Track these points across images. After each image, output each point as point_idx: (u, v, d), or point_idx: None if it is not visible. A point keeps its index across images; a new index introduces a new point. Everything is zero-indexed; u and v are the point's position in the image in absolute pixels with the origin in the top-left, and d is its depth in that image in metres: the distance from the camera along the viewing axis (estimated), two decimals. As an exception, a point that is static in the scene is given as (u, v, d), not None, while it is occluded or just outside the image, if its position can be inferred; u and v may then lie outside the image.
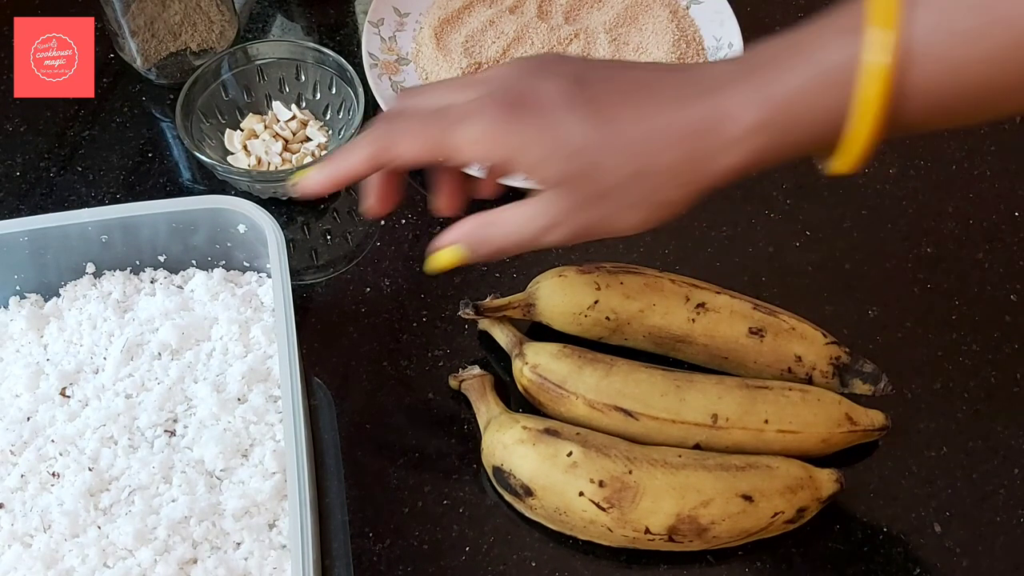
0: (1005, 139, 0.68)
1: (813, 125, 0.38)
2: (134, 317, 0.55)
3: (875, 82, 0.36)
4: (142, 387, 0.52)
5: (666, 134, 0.39)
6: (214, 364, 0.53)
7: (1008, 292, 0.61)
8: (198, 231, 0.55)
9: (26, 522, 0.48)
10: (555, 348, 0.54)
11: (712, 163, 0.39)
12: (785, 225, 0.64)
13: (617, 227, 0.42)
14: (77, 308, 0.55)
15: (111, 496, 0.49)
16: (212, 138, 0.65)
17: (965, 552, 0.52)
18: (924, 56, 0.36)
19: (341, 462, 0.54)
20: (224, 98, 0.66)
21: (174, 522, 0.47)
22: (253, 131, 0.66)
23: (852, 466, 0.54)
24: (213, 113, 0.66)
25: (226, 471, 0.50)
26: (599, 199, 0.41)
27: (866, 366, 0.54)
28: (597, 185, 0.40)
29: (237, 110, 0.67)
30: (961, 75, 0.36)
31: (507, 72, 0.42)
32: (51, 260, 0.55)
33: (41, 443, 0.50)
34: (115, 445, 0.50)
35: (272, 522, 0.49)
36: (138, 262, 0.57)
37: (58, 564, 0.47)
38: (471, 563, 0.51)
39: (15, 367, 0.53)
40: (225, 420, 0.51)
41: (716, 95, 0.39)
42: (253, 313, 0.55)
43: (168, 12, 0.67)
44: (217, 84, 0.66)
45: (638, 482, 0.48)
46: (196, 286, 0.56)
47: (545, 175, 0.41)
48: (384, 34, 0.71)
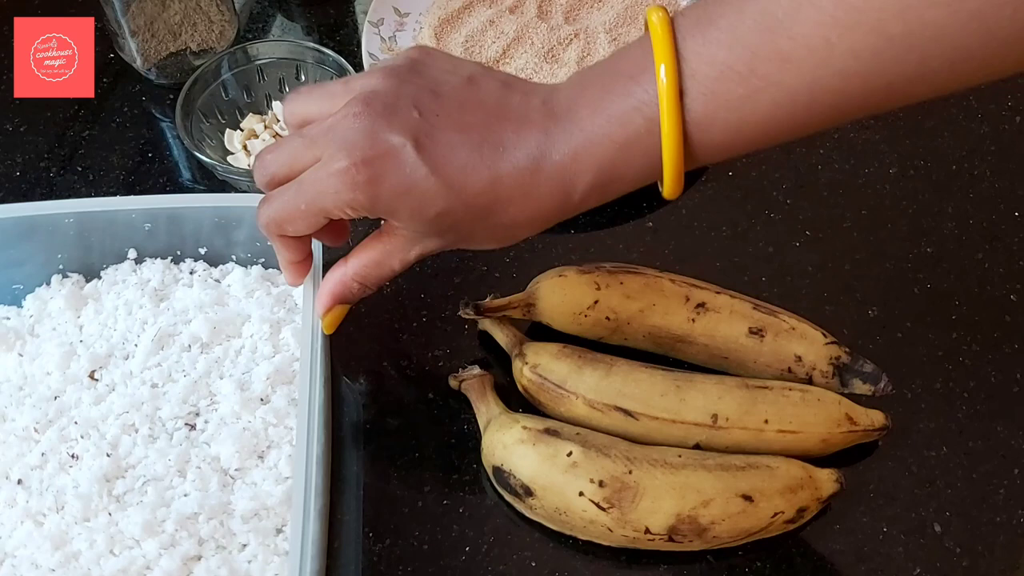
0: (1005, 139, 0.68)
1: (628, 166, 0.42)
2: (169, 307, 0.55)
3: (669, 145, 0.40)
4: (168, 378, 0.53)
5: (508, 186, 0.42)
6: (241, 362, 0.54)
7: (1008, 292, 0.61)
8: (240, 227, 0.55)
9: (41, 500, 0.48)
10: (555, 348, 0.54)
11: (555, 204, 0.43)
12: (785, 225, 0.64)
13: (477, 247, 0.46)
14: (115, 292, 0.56)
15: (125, 484, 0.49)
16: (212, 138, 0.65)
17: (965, 552, 0.52)
18: (706, 125, 0.40)
19: (361, 470, 0.54)
20: (224, 98, 0.66)
21: (183, 517, 0.48)
22: (253, 131, 0.66)
23: (852, 466, 0.54)
24: (213, 113, 0.66)
25: (240, 471, 0.50)
26: (460, 240, 0.46)
27: (866, 366, 0.54)
28: (458, 234, 0.45)
29: (237, 110, 0.67)
30: (744, 133, 0.40)
31: (350, 123, 0.42)
32: (96, 242, 0.56)
33: (64, 423, 0.51)
34: (135, 433, 0.51)
35: (280, 527, 0.49)
36: (179, 252, 0.57)
37: (66, 546, 0.47)
38: (471, 563, 0.51)
39: (49, 345, 0.54)
40: (246, 419, 0.51)
41: (547, 136, 0.42)
42: (286, 314, 0.55)
43: (168, 12, 0.67)
44: (217, 84, 0.66)
45: (638, 482, 0.48)
46: (233, 281, 0.56)
47: (415, 229, 0.45)
48: (384, 34, 0.71)
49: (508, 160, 0.42)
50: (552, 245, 0.62)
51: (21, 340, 0.55)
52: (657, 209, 0.65)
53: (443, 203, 0.42)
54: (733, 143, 0.41)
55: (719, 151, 0.41)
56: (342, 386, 0.57)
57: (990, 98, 0.70)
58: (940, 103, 0.70)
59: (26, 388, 0.53)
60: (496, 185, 0.42)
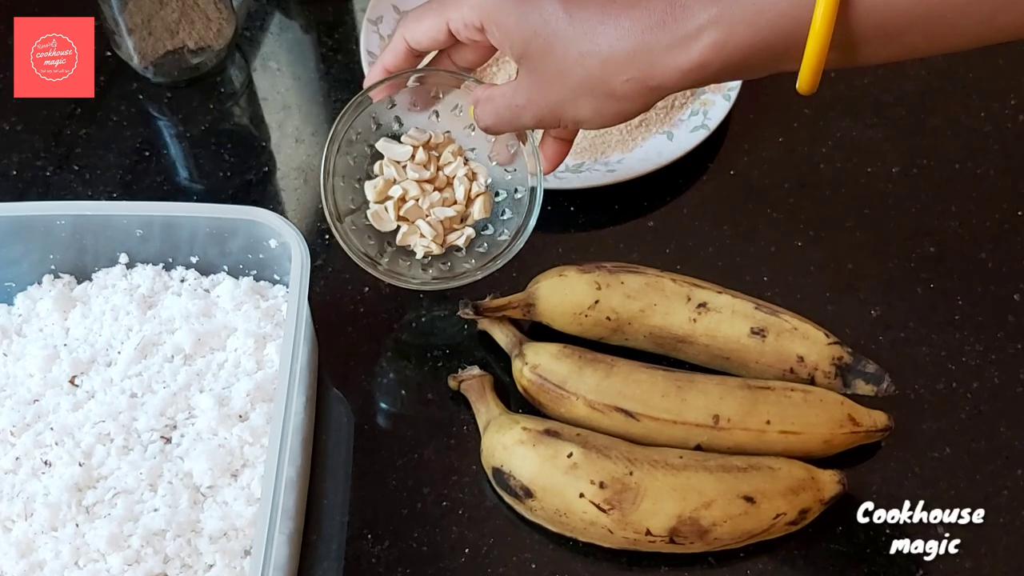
0: (1008, 138, 0.68)
1: (768, 27, 0.40)
2: (156, 315, 0.55)
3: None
4: (148, 388, 0.52)
5: (618, 23, 0.42)
6: (223, 376, 0.53)
7: (1012, 292, 0.61)
8: (234, 238, 0.55)
9: (10, 506, 0.48)
10: (555, 348, 0.53)
11: (662, 56, 0.42)
12: (787, 224, 0.64)
13: (575, 116, 0.46)
14: (104, 297, 0.56)
15: (95, 495, 0.48)
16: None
17: (968, 553, 0.51)
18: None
19: (351, 473, 0.54)
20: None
21: (150, 533, 0.47)
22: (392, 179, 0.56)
23: (854, 467, 0.53)
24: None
25: (212, 488, 0.49)
26: (555, 78, 0.45)
27: (869, 366, 0.54)
28: (550, 63, 0.44)
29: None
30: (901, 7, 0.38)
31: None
32: (89, 245, 0.56)
33: (41, 428, 0.50)
34: (110, 443, 0.50)
35: (248, 549, 0.48)
36: (171, 259, 0.57)
37: (31, 555, 0.47)
38: (470, 565, 0.51)
39: (34, 347, 0.53)
40: (222, 436, 0.50)
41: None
42: (272, 329, 0.54)
43: (165, 10, 0.66)
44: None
45: (639, 483, 0.48)
46: (222, 292, 0.56)
47: (506, 46, 0.46)
48: (383, 31, 0.71)
49: (627, 11, 0.42)
50: (552, 245, 0.62)
51: (8, 339, 0.55)
52: (658, 208, 0.64)
53: (554, 23, 0.43)
54: (891, 20, 0.38)
55: (873, 29, 0.39)
56: (337, 388, 0.57)
57: (993, 97, 0.70)
58: (942, 102, 0.70)
59: (7, 389, 0.52)
60: (606, 22, 0.42)
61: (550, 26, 0.43)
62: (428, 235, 0.54)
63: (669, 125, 0.66)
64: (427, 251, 0.55)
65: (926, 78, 0.71)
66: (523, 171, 0.54)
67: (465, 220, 0.56)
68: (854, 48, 0.40)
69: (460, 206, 0.55)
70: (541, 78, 0.45)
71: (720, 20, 0.40)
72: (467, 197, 0.55)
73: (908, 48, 0.40)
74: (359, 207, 0.55)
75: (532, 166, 0.53)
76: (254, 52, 0.73)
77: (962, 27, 0.38)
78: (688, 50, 0.41)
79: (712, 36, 0.40)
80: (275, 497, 0.44)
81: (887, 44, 0.40)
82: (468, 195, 0.55)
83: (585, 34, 0.43)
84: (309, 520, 0.52)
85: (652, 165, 0.63)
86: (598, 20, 0.43)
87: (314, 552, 0.51)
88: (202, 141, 0.68)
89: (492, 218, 0.56)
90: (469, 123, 0.53)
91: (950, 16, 0.38)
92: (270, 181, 0.67)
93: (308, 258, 0.51)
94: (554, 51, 0.44)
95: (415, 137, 0.54)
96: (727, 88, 0.66)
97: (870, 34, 0.39)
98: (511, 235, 0.54)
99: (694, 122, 0.65)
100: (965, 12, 0.38)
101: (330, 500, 0.53)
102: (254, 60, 0.73)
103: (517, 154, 0.54)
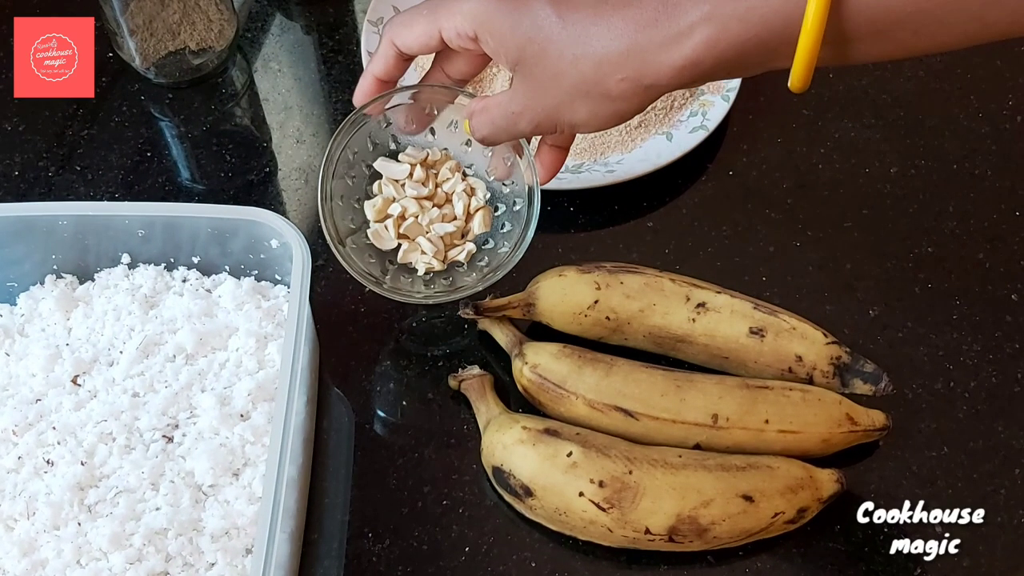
0: (1006, 138, 0.68)
1: (761, 23, 0.40)
2: (158, 315, 0.55)
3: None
4: (150, 388, 0.52)
5: (611, 24, 0.42)
6: (224, 376, 0.53)
7: (1009, 292, 0.61)
8: (235, 239, 0.55)
9: (12, 505, 0.48)
10: (555, 348, 0.54)
11: (655, 54, 0.42)
12: (786, 224, 0.64)
13: (571, 119, 0.45)
14: (106, 297, 0.56)
15: (98, 494, 0.49)
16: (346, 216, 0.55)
17: (965, 552, 0.51)
18: None
19: (352, 472, 0.54)
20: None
21: (152, 532, 0.47)
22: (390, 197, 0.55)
23: (853, 466, 0.54)
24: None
25: (214, 487, 0.49)
26: (550, 83, 0.44)
27: (867, 366, 0.54)
28: (545, 67, 0.44)
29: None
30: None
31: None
32: (91, 245, 0.56)
33: (43, 428, 0.51)
34: (112, 442, 0.50)
35: (250, 547, 0.48)
36: (173, 260, 0.57)
37: (33, 554, 0.47)
38: (470, 563, 0.51)
39: (36, 346, 0.54)
40: (223, 435, 0.51)
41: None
42: (274, 329, 0.55)
43: (167, 11, 0.66)
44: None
45: (638, 482, 0.48)
46: (224, 292, 0.56)
47: (500, 53, 0.45)
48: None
49: (619, 10, 0.42)
50: (552, 245, 0.62)
51: (10, 339, 0.55)
52: (657, 209, 0.65)
53: (547, 28, 0.43)
54: (881, 17, 0.39)
55: (864, 26, 0.39)
56: (338, 388, 0.57)
57: (991, 97, 0.70)
58: (941, 102, 0.70)
59: (10, 388, 0.53)
60: (598, 23, 0.42)
61: (543, 31, 0.43)
62: (429, 252, 0.54)
63: (668, 126, 0.66)
64: (428, 268, 0.54)
65: (924, 79, 0.71)
66: (521, 183, 0.53)
67: (466, 235, 0.55)
68: (846, 45, 0.40)
69: (460, 221, 0.55)
70: (536, 83, 0.45)
71: (712, 17, 0.40)
72: (466, 212, 0.55)
73: (900, 45, 0.40)
74: (359, 227, 0.55)
75: (529, 178, 0.52)
76: (255, 53, 0.74)
77: (952, 24, 0.38)
78: (681, 47, 0.41)
79: (705, 33, 0.40)
80: (276, 496, 0.44)
81: (879, 41, 0.40)
82: (467, 210, 0.55)
83: (578, 36, 0.43)
84: (310, 519, 0.52)
85: (651, 166, 0.63)
86: (591, 22, 0.43)
87: (315, 551, 0.51)
88: (203, 142, 0.68)
89: (492, 231, 0.56)
90: (466, 139, 0.53)
91: (939, 13, 0.38)
92: (271, 182, 0.67)
93: (309, 258, 0.51)
94: (548, 56, 0.44)
95: (412, 155, 0.54)
96: (726, 89, 0.66)
97: (862, 30, 0.39)
98: (511, 246, 0.54)
99: (693, 123, 0.66)
100: (955, 8, 0.38)
101: (331, 499, 0.53)
102: (255, 61, 0.73)
103: (514, 167, 0.53)
